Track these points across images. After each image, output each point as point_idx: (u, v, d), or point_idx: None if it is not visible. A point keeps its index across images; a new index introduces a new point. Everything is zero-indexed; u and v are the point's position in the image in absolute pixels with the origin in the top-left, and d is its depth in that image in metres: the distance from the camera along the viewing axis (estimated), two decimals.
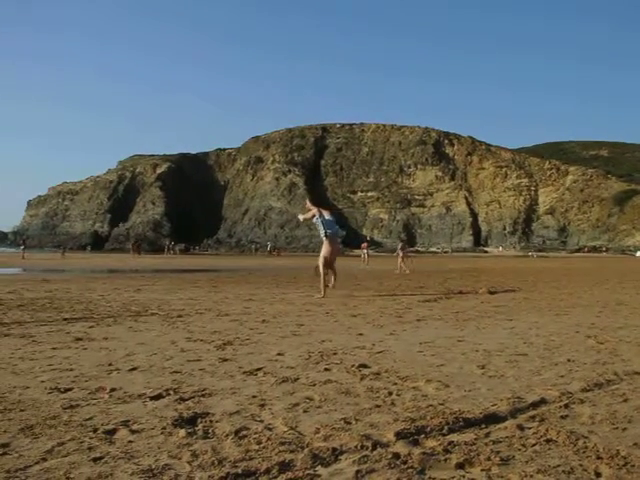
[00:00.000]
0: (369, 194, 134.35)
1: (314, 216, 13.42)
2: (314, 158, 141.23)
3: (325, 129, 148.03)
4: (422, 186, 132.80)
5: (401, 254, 28.26)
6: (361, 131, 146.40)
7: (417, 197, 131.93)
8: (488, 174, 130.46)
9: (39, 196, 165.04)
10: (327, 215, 13.42)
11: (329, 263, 13.15)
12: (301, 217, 14.94)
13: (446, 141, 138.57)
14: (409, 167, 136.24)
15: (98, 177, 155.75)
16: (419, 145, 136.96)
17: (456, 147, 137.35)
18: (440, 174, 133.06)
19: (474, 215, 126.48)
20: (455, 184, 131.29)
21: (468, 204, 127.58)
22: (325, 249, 13.13)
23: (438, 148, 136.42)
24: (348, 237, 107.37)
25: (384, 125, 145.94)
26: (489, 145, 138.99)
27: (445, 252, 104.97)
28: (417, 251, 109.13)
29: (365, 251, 43.81)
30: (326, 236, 13.12)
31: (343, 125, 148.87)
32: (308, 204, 15.16)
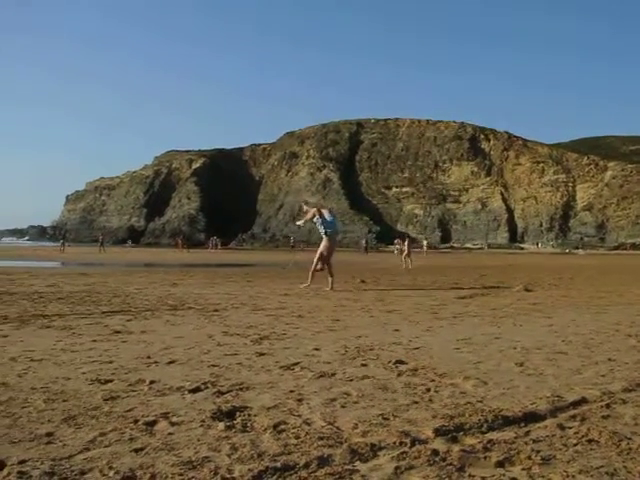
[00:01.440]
0: (404, 189, 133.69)
1: (314, 216, 13.98)
2: (349, 153, 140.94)
3: (360, 124, 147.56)
4: (457, 182, 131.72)
5: (406, 250, 28.54)
6: (396, 126, 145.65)
7: (452, 193, 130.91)
8: (524, 170, 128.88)
9: (77, 191, 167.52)
10: (327, 214, 14.06)
11: (325, 259, 13.77)
12: (300, 222, 15.53)
13: (482, 136, 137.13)
14: (444, 162, 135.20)
15: (134, 172, 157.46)
16: (454, 140, 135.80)
17: (492, 142, 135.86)
18: (476, 169, 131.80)
19: (510, 211, 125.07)
20: (491, 180, 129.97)
21: (504, 200, 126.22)
22: (323, 246, 13.82)
23: (474, 143, 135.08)
24: (381, 233, 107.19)
25: (419, 120, 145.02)
26: (526, 140, 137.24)
27: (480, 248, 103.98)
28: (452, 247, 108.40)
29: (398, 247, 43.81)
30: (326, 234, 13.83)
31: (378, 120, 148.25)
32: (305, 207, 15.59)
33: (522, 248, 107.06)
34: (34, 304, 9.63)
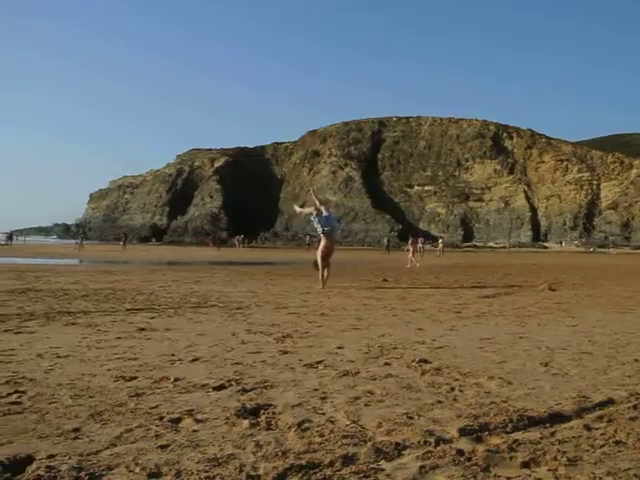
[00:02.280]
0: (426, 188, 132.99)
1: (311, 214, 14.10)
2: (371, 152, 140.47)
3: (382, 122, 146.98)
4: (480, 180, 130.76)
5: (411, 249, 28.76)
6: (418, 124, 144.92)
7: (475, 191, 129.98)
8: (548, 168, 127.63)
9: (101, 189, 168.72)
10: (325, 212, 13.93)
11: (326, 257, 13.70)
12: (297, 209, 15.88)
13: (505, 134, 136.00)
14: (467, 161, 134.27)
15: (157, 171, 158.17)
16: (477, 138, 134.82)
17: (515, 140, 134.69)
18: (498, 168, 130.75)
19: (533, 210, 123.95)
20: (514, 178, 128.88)
21: (527, 198, 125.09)
22: (322, 245, 13.73)
23: (496, 141, 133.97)
24: (403, 231, 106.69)
25: (441, 118, 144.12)
26: (549, 138, 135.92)
27: (502, 247, 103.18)
28: (474, 246, 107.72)
29: (420, 245, 43.69)
30: (323, 233, 13.73)
31: (400, 118, 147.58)
32: (312, 194, 15.59)
33: (545, 247, 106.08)
34: (59, 301, 9.73)
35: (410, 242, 29.59)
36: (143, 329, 6.84)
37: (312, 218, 13.99)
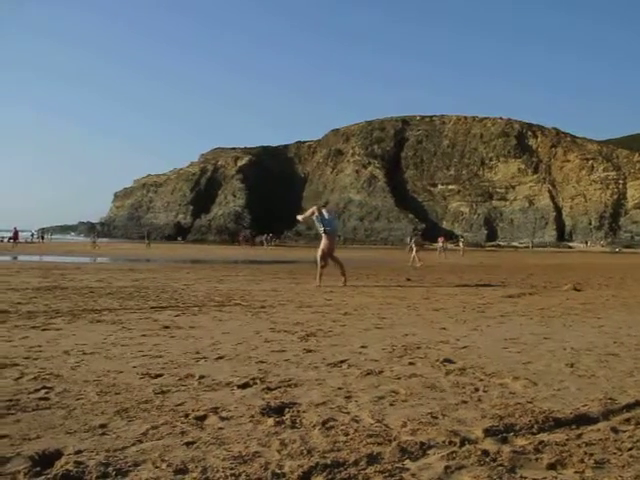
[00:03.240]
0: (449, 187, 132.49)
1: (313, 214, 14.64)
2: (394, 150, 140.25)
3: (405, 121, 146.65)
4: (504, 179, 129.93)
5: (415, 248, 28.81)
6: (442, 123, 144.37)
7: (499, 190, 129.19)
8: (573, 167, 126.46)
9: (125, 188, 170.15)
10: (326, 213, 14.59)
11: (326, 256, 14.20)
12: (300, 217, 16.32)
13: (529, 133, 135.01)
14: (491, 160, 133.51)
15: (181, 170, 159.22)
16: (501, 137, 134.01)
17: (540, 139, 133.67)
18: (523, 167, 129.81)
19: (558, 209, 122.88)
20: (538, 177, 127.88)
21: (552, 198, 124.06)
22: (323, 243, 14.29)
23: (521, 140, 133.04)
24: (427, 230, 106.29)
25: (465, 117, 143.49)
26: (574, 137, 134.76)
27: (526, 247, 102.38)
28: (498, 245, 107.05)
29: (441, 245, 43.79)
30: (325, 232, 14.32)
31: (423, 117, 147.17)
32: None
33: (570, 247, 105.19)
34: (85, 299, 9.83)
35: (413, 241, 29.85)
36: (167, 327, 6.89)
37: (314, 217, 14.52)
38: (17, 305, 8.73)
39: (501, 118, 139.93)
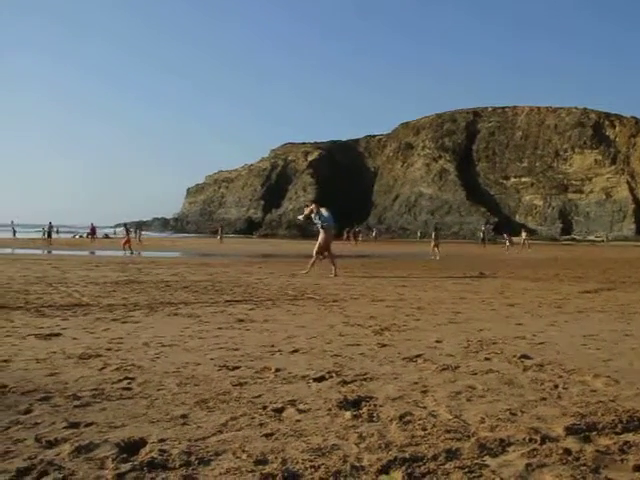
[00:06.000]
0: (523, 180, 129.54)
1: (312, 211, 15.99)
2: (465, 143, 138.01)
3: (476, 113, 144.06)
4: (580, 171, 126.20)
5: (434, 241, 29.64)
6: (514, 114, 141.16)
7: (574, 182, 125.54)
8: None
9: (197, 184, 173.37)
10: (324, 211, 15.82)
11: (324, 249, 15.55)
12: (300, 217, 17.85)
13: (606, 122, 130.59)
14: (565, 151, 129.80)
15: (252, 165, 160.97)
16: (577, 127, 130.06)
17: (618, 129, 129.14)
18: (599, 158, 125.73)
19: (637, 202, 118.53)
20: (616, 168, 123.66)
21: (630, 190, 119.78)
22: (321, 238, 15.60)
23: (598, 130, 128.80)
24: (499, 224, 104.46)
25: (538, 107, 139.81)
26: None
27: (601, 241, 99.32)
28: (573, 239, 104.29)
29: (507, 241, 44.06)
30: (322, 228, 15.60)
31: (495, 108, 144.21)
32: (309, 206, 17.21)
33: None
34: (161, 292, 10.08)
35: (433, 236, 30.27)
36: (242, 320, 7.00)
37: (313, 215, 15.87)
38: (98, 298, 9.03)
39: (576, 108, 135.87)
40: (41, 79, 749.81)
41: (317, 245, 15.66)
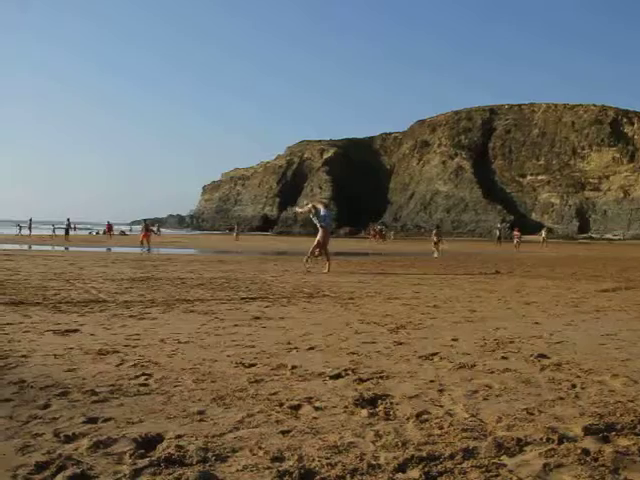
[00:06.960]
0: (539, 177, 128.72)
1: (310, 211, 16.61)
2: (482, 141, 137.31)
3: (493, 110, 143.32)
4: (597, 169, 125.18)
5: (435, 239, 29.64)
6: (531, 111, 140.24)
7: (591, 180, 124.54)
8: None
9: (213, 182, 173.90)
10: (322, 210, 16.51)
11: (322, 246, 16.08)
12: (298, 209, 18.89)
13: (625, 120, 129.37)
14: (583, 149, 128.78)
15: (268, 163, 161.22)
16: (594, 125, 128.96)
17: (636, 126, 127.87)
18: (617, 156, 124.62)
19: None
20: (634, 166, 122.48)
21: None
22: (320, 236, 16.07)
23: (616, 127, 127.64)
24: (515, 222, 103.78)
25: (555, 105, 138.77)
26: None
27: (619, 239, 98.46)
28: (590, 237, 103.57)
29: (517, 239, 44.19)
30: (321, 227, 16.12)
31: (512, 106, 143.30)
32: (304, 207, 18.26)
33: None
34: (177, 289, 10.13)
35: (434, 233, 30.35)
36: (258, 317, 7.01)
37: (310, 215, 16.51)
38: (114, 295, 9.09)
39: (594, 105, 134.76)
40: (86, 84, 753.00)
41: (315, 242, 16.17)
